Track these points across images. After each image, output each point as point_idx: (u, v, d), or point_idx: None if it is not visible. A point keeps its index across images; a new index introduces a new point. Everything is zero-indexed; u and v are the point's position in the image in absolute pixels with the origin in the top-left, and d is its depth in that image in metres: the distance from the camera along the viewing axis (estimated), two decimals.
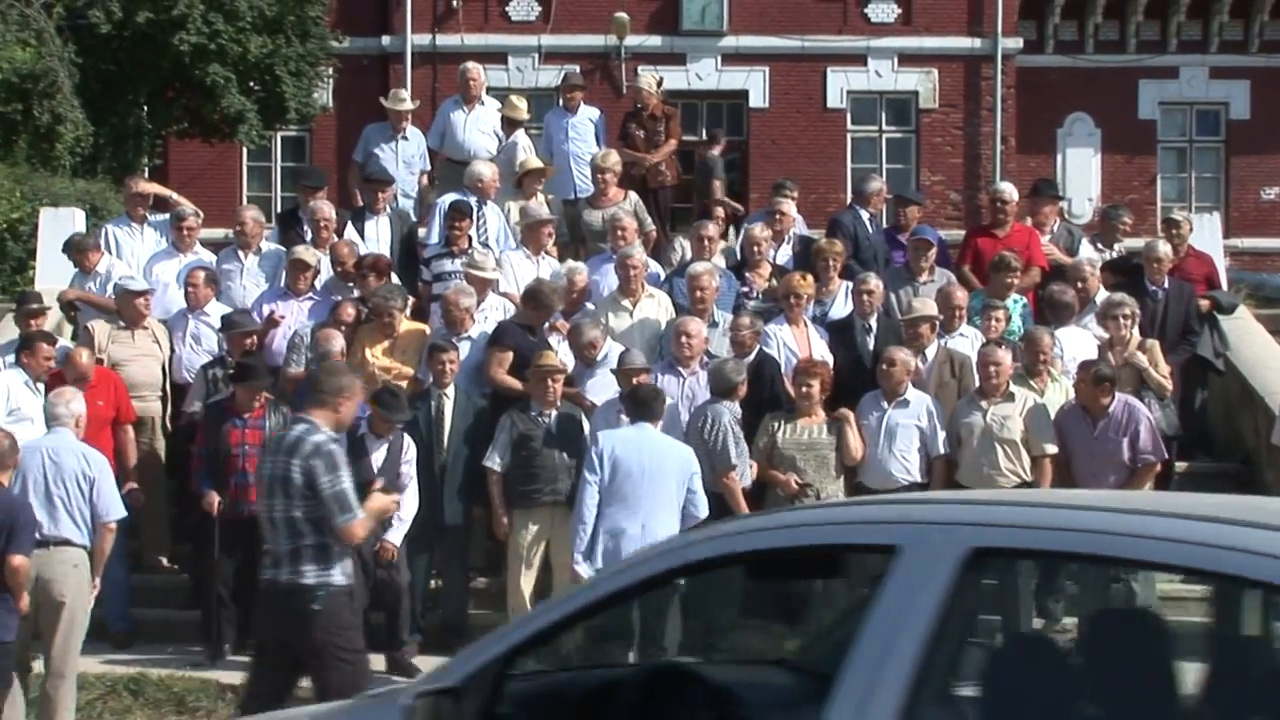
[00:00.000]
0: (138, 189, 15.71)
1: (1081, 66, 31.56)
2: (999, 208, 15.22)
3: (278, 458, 8.10)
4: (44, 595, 10.05)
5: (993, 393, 12.16)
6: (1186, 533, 4.09)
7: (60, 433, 10.65)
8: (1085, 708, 4.49)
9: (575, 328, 13.18)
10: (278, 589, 8.12)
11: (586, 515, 11.28)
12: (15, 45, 22.04)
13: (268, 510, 8.17)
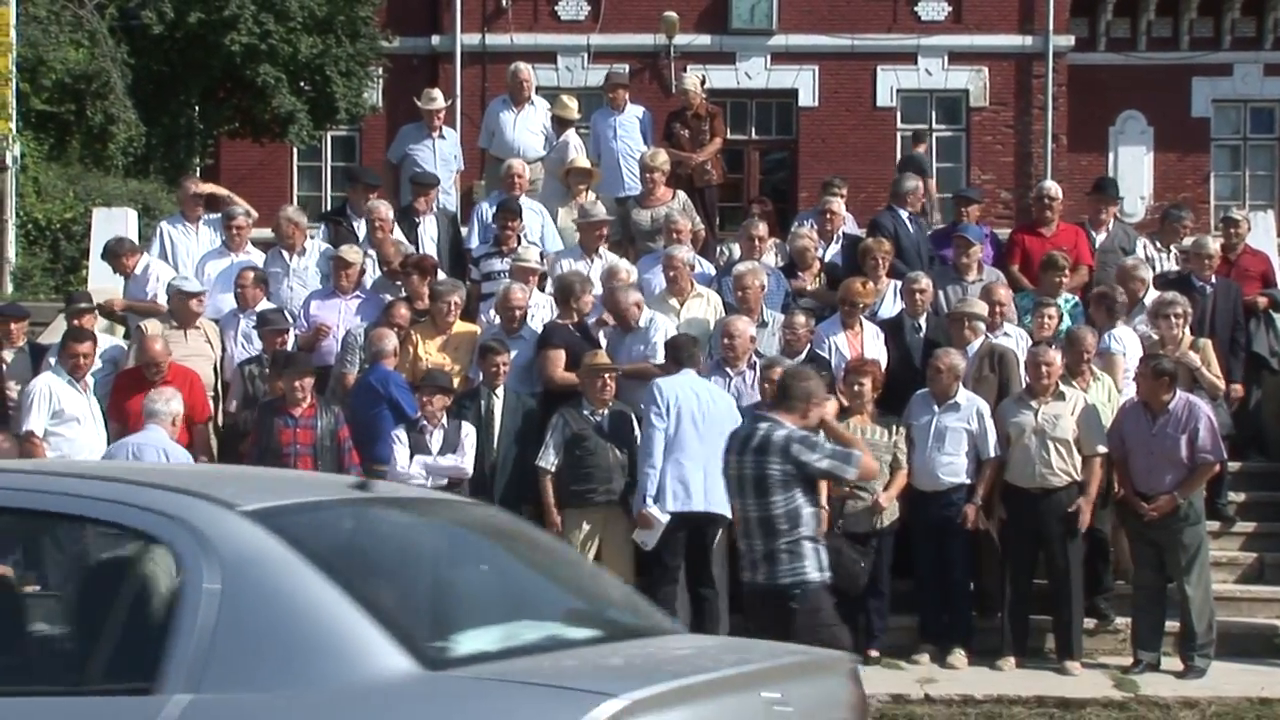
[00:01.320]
0: (194, 189, 15.78)
1: (1134, 64, 31.39)
2: (1045, 205, 15.21)
3: (745, 458, 8.17)
4: None
5: (1043, 392, 12.15)
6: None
7: (152, 429, 10.88)
8: None
9: (611, 292, 13.23)
10: (757, 591, 8.30)
11: (656, 460, 11.38)
12: (68, 46, 22.18)
13: (742, 510, 8.27)
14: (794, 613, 8.10)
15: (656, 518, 11.36)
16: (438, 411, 11.93)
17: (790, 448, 8.08)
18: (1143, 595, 12.31)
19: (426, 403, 11.99)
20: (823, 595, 8.24)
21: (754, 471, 8.15)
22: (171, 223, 15.71)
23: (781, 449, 8.09)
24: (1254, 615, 13.10)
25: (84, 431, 12.18)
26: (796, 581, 8.12)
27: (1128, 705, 11.41)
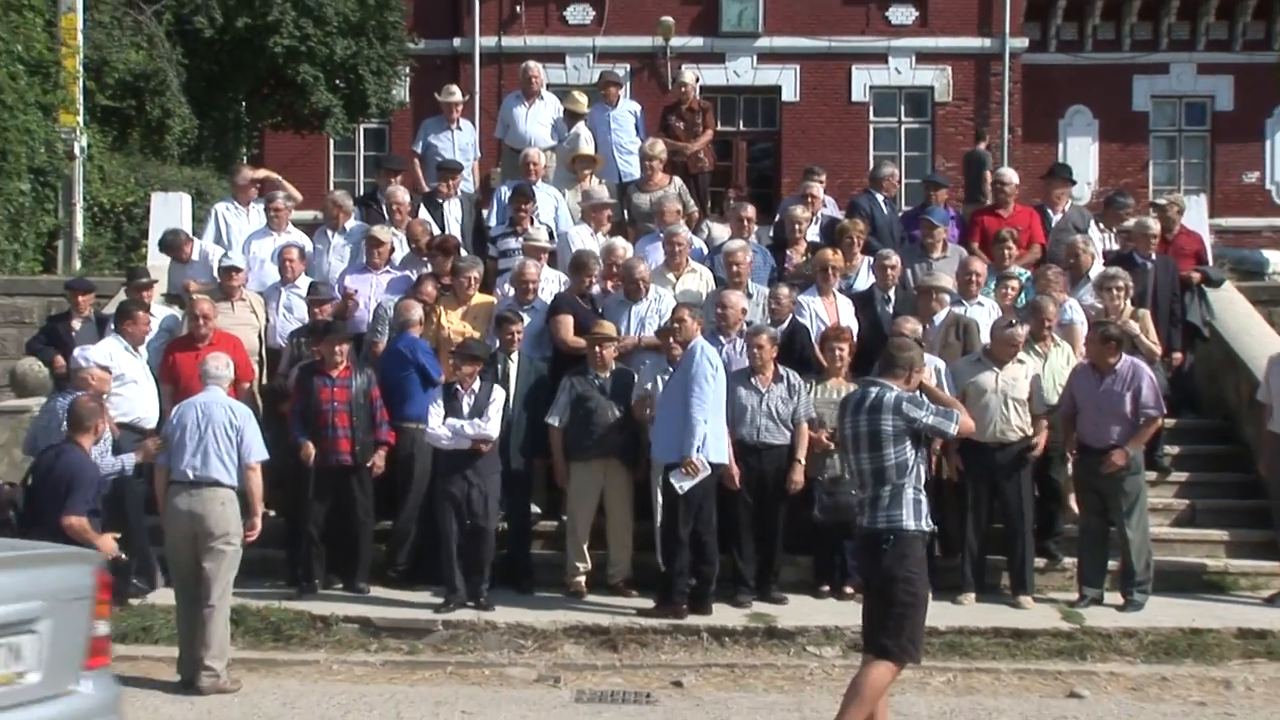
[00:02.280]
0: (248, 176, 15.73)
1: (1081, 63, 31.47)
2: (1002, 189, 15.23)
3: (860, 417, 8.20)
4: (199, 528, 10.30)
5: (1008, 359, 12.16)
6: None
7: (213, 390, 10.80)
8: None
9: (626, 265, 13.26)
10: (862, 533, 8.31)
11: (706, 414, 11.30)
12: (130, 49, 22.13)
13: (855, 463, 8.27)
14: (884, 554, 8.10)
15: (704, 466, 11.34)
16: (469, 378, 11.88)
17: (902, 406, 8.13)
18: (1088, 538, 12.33)
19: (458, 369, 11.96)
20: (914, 543, 8.18)
21: (869, 428, 8.16)
22: (226, 205, 15.67)
23: (894, 407, 8.13)
24: (1186, 555, 13.12)
25: (140, 391, 12.23)
26: (891, 528, 8.11)
27: (1074, 635, 11.43)
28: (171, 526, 10.49)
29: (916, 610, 8.14)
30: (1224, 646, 11.39)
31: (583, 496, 12.24)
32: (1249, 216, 30.20)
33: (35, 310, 15.96)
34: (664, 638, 11.43)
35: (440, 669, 11.03)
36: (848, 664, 10.97)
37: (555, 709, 9.99)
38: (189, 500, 10.33)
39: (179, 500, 10.40)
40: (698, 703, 10.24)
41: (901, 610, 8.07)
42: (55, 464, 9.00)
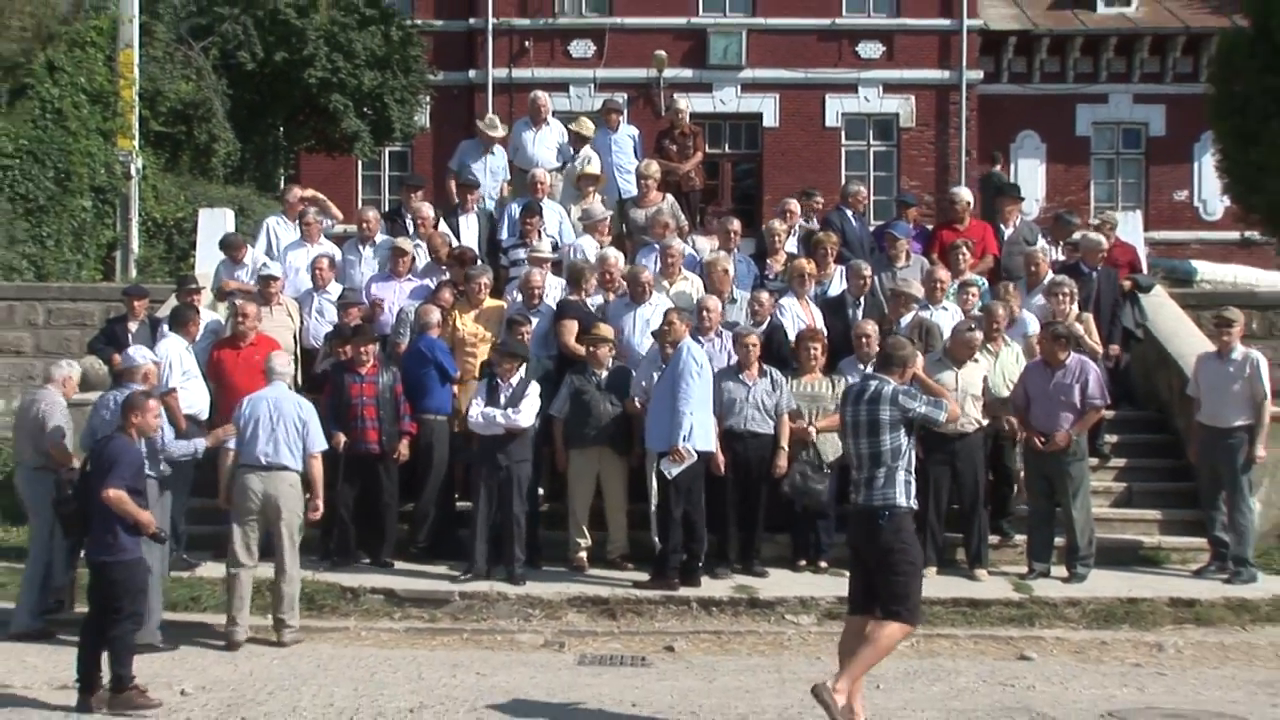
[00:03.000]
0: (297, 195, 15.67)
1: (1030, 93, 31.52)
2: (955, 207, 15.20)
3: (860, 407, 8.26)
4: (269, 508, 10.56)
5: (966, 359, 12.15)
6: None
7: (278, 385, 11.01)
8: None
9: (632, 272, 13.27)
10: (858, 510, 8.30)
11: (693, 407, 11.29)
12: (180, 80, 22.14)
13: (854, 448, 8.31)
14: (880, 529, 8.13)
15: (690, 454, 11.32)
16: (508, 373, 11.89)
17: (897, 397, 8.20)
18: (1036, 517, 12.32)
19: (499, 364, 12.00)
20: (906, 518, 8.27)
21: (868, 417, 8.22)
22: (276, 219, 15.66)
23: (890, 399, 8.20)
24: (1124, 533, 13.11)
25: (197, 386, 12.18)
26: (886, 505, 8.16)
27: (1024, 604, 11.42)
28: (243, 505, 10.71)
29: (916, 576, 8.25)
30: (1157, 614, 11.41)
31: (581, 481, 12.22)
32: (1179, 230, 30.21)
33: (96, 313, 15.93)
34: (657, 607, 11.41)
35: (457, 635, 11.01)
36: (822, 631, 10.99)
37: (560, 671, 9.97)
38: (261, 482, 10.62)
39: (251, 482, 10.66)
40: (688, 665, 10.22)
41: (905, 578, 8.14)
42: (105, 449, 9.04)
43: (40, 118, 18.37)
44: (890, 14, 30.60)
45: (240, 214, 18.75)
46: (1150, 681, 9.87)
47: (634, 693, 9.18)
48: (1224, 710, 8.93)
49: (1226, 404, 12.38)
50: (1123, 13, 31.86)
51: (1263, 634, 11.18)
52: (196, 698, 8.97)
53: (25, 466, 11.24)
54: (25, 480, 11.26)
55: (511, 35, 30.34)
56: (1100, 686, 9.65)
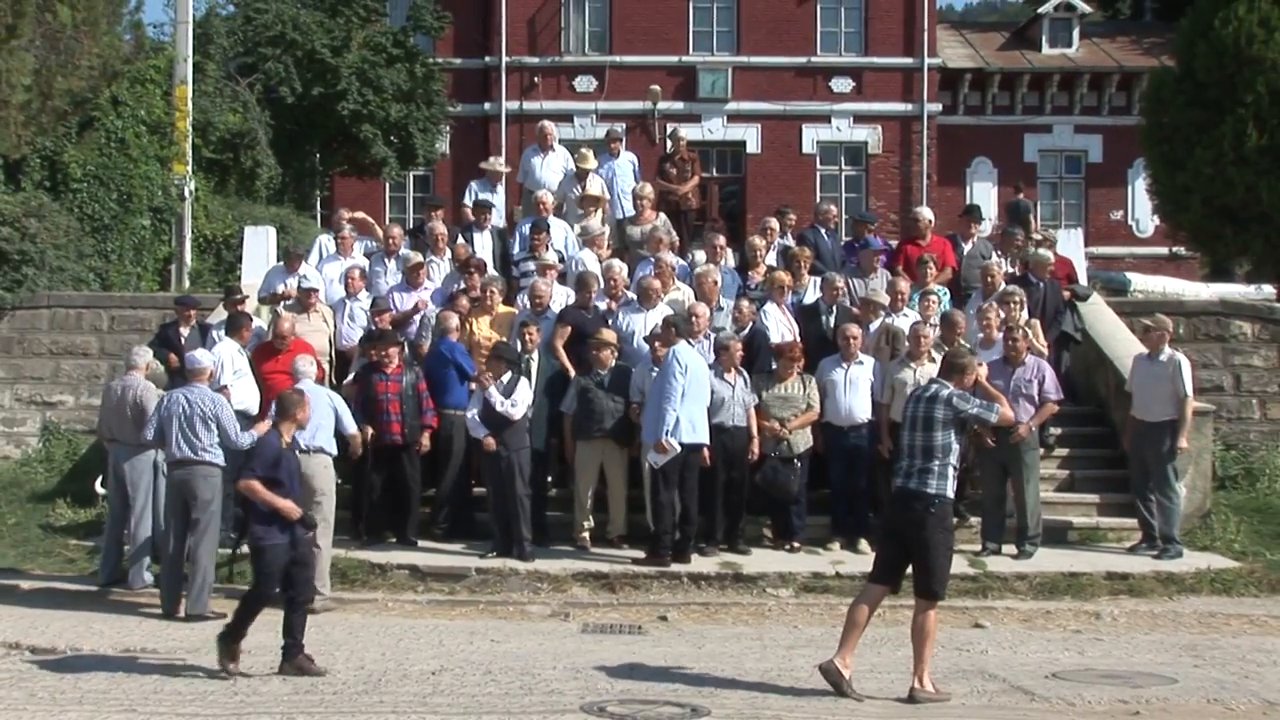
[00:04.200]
0: (348, 218, 15.62)
1: (983, 124, 31.61)
2: (918, 224, 15.19)
3: (920, 405, 8.30)
4: (306, 488, 10.40)
5: (920, 357, 12.14)
6: None
7: (307, 381, 11.16)
8: None
9: (642, 283, 13.27)
10: (907, 493, 8.21)
11: (675, 404, 11.27)
12: (229, 113, 22.12)
13: (910, 440, 8.27)
14: (930, 515, 8.13)
15: (674, 446, 11.31)
16: (498, 372, 11.92)
17: (952, 400, 8.26)
18: (990, 501, 12.32)
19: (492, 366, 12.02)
20: (950, 507, 8.33)
21: (924, 414, 8.24)
22: (327, 237, 15.63)
23: (946, 400, 8.25)
24: (1066, 515, 13.12)
25: (246, 384, 12.18)
26: (938, 494, 8.16)
27: (978, 579, 11.44)
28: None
29: (950, 560, 8.33)
30: (1095, 586, 11.44)
31: (586, 469, 12.21)
32: (1115, 246, 30.25)
33: (153, 320, 15.91)
34: (652, 581, 11.42)
35: (474, 606, 11.01)
36: (799, 603, 11.00)
37: (566, 638, 9.97)
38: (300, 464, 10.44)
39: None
40: (680, 633, 10.22)
41: (945, 561, 8.23)
42: (260, 443, 8.89)
43: (105, 146, 18.38)
44: (859, 53, 30.63)
45: (281, 231, 18.73)
46: (1089, 646, 9.88)
47: (632, 657, 9.18)
48: (1154, 670, 8.95)
49: (1155, 400, 12.42)
50: (1065, 53, 31.97)
51: (1187, 603, 11.23)
52: (242, 661, 8.95)
53: (124, 446, 11.29)
54: (122, 458, 11.34)
55: (522, 71, 30.35)
56: (1045, 651, 9.66)
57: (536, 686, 8.26)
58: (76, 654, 9.20)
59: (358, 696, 7.98)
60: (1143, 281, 21.07)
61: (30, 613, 10.57)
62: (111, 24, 17.05)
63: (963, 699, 8.12)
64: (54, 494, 14.05)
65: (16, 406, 15.84)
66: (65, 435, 15.52)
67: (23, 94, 14.96)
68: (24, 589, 11.34)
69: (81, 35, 15.67)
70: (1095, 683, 8.56)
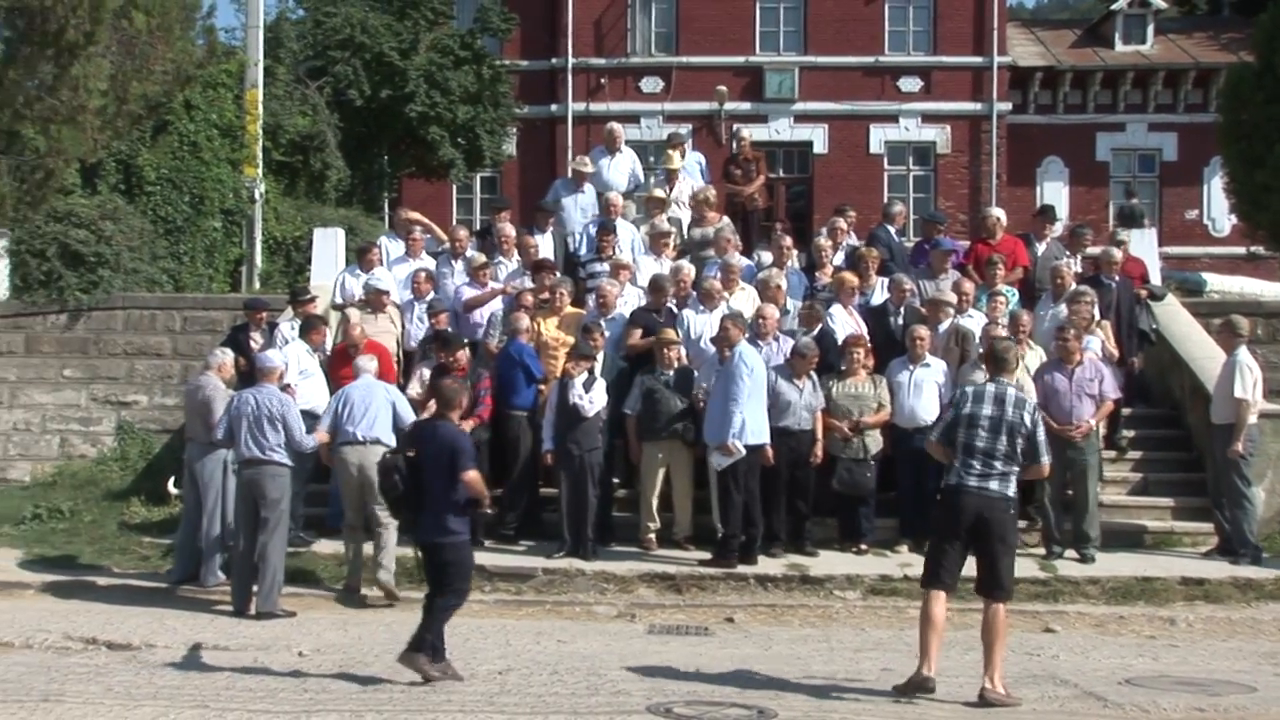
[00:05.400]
0: (405, 217, 15.78)
1: (1054, 123, 31.28)
2: (990, 224, 15.06)
3: (1000, 407, 8.13)
4: (364, 477, 10.81)
5: None
6: None
7: (367, 377, 11.50)
8: None
9: (706, 285, 13.26)
10: (986, 494, 8.09)
11: (742, 405, 11.26)
12: (298, 115, 22.34)
13: (990, 443, 8.11)
14: (1010, 517, 8.15)
15: (739, 449, 11.30)
16: (575, 371, 11.99)
17: (1035, 412, 8.29)
18: (1053, 503, 12.20)
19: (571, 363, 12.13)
20: (1017, 510, 8.41)
21: (1011, 418, 8.12)
22: (389, 237, 15.78)
23: (1031, 410, 8.24)
24: (1140, 519, 12.97)
25: (315, 383, 12.34)
26: (1012, 498, 8.17)
27: (1048, 582, 11.33)
28: (344, 476, 11.12)
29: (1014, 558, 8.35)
30: (1170, 592, 11.28)
31: (651, 470, 12.22)
32: (1190, 245, 29.76)
33: (224, 321, 16.12)
34: (719, 583, 11.41)
35: (540, 606, 11.06)
36: (867, 605, 10.95)
37: (632, 639, 9.99)
38: (356, 455, 10.96)
39: (349, 455, 11.02)
40: (746, 635, 10.21)
41: (1013, 562, 8.25)
42: (435, 435, 8.63)
43: (178, 150, 18.64)
44: (928, 52, 30.39)
45: (350, 233, 18.88)
46: (1164, 652, 9.75)
47: (698, 659, 9.18)
48: (1231, 679, 8.81)
49: (1223, 402, 12.27)
50: (1139, 50, 31.52)
51: (1267, 610, 11.04)
52: (312, 658, 9.07)
53: (197, 444, 11.50)
54: (194, 457, 11.55)
55: (589, 73, 30.41)
56: (1119, 656, 9.55)
57: (603, 687, 8.29)
58: (151, 649, 9.35)
59: (425, 695, 8.04)
60: (1219, 282, 20.78)
61: (107, 608, 10.78)
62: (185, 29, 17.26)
63: (1034, 704, 8.04)
64: (129, 492, 14.30)
65: (93, 406, 16.09)
66: (140, 434, 15.77)
67: (99, 99, 15.17)
68: (101, 585, 11.55)
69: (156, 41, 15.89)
70: (1170, 690, 8.44)
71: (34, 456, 15.72)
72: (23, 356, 16.25)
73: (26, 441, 15.84)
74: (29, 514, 13.77)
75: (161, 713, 7.50)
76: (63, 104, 14.80)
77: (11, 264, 16.56)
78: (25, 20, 14.88)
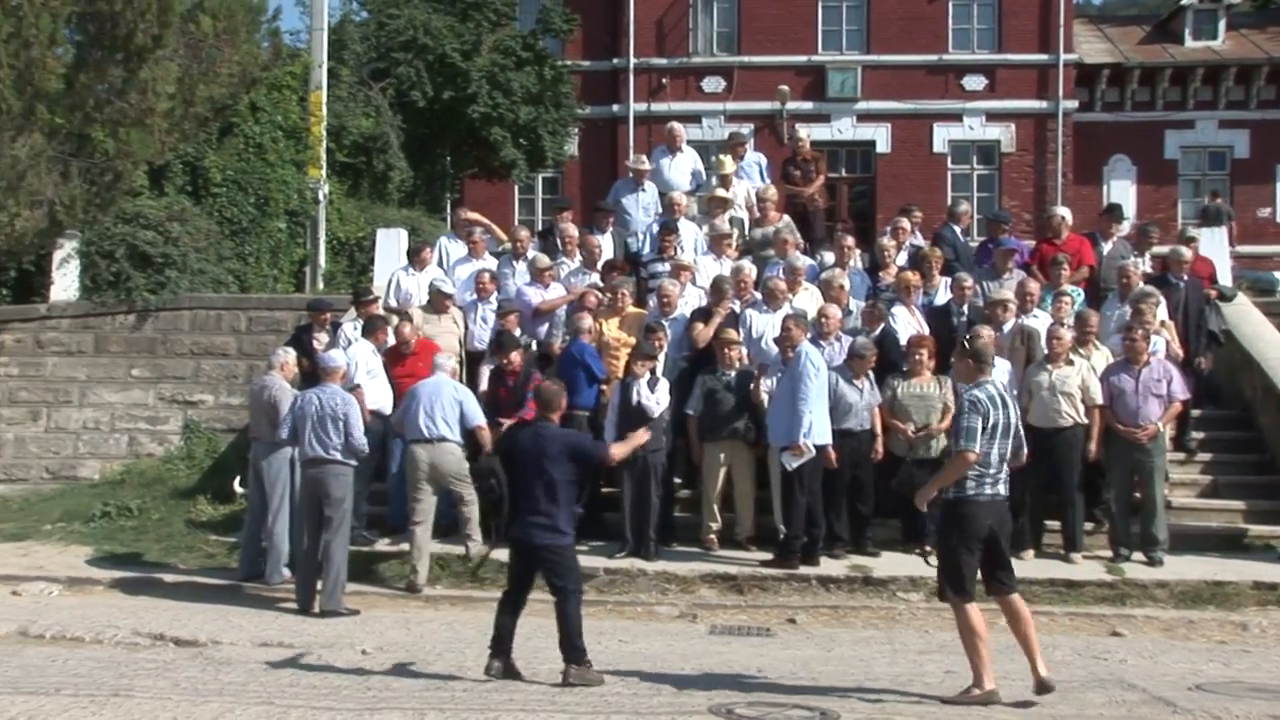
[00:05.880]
0: (465, 217, 15.89)
1: (1122, 120, 30.85)
2: (1055, 223, 14.91)
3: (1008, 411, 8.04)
4: (436, 472, 11.33)
5: (1056, 359, 11.95)
6: None
7: (440, 375, 11.75)
8: None
9: (768, 282, 13.25)
10: (1000, 499, 8.06)
11: (812, 405, 11.25)
12: (361, 117, 22.56)
13: (1004, 446, 8.02)
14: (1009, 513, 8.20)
15: (809, 449, 11.28)
16: (640, 370, 12.00)
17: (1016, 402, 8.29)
18: (1119, 505, 12.05)
19: (635, 363, 12.13)
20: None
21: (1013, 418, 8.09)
22: (448, 238, 15.90)
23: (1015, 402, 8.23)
24: (1210, 521, 12.78)
25: (379, 383, 12.44)
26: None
27: (1115, 585, 11.20)
28: (413, 472, 11.40)
29: None
30: (1241, 596, 11.10)
31: (713, 470, 12.21)
32: (1263, 244, 29.22)
33: (288, 321, 16.28)
34: (781, 584, 11.38)
35: (602, 606, 11.07)
36: (930, 607, 10.85)
37: (693, 640, 9.98)
38: (426, 452, 11.33)
39: (419, 453, 11.30)
40: (808, 636, 10.18)
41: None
42: (539, 438, 8.51)
43: (244, 151, 18.83)
44: (992, 49, 30.13)
45: (413, 234, 19.01)
46: (1235, 658, 9.60)
47: (760, 660, 9.16)
48: None
49: None
50: (1209, 46, 31.05)
51: None
52: (375, 656, 9.14)
53: (262, 443, 11.63)
54: (260, 455, 11.69)
55: (650, 73, 30.43)
56: (1188, 661, 9.41)
57: (664, 688, 8.28)
58: (216, 646, 9.47)
59: (488, 694, 8.07)
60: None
61: (174, 605, 10.94)
62: (250, 32, 17.39)
63: (1101, 709, 7.94)
64: (195, 490, 14.49)
65: (160, 405, 16.31)
66: (205, 433, 15.96)
67: (166, 102, 15.37)
68: (168, 582, 11.73)
69: (222, 44, 16.06)
70: (1243, 696, 8.28)
71: (103, 455, 15.96)
72: (92, 356, 16.53)
73: (96, 440, 16.09)
74: (98, 512, 14.00)
75: (227, 709, 7.59)
76: (131, 107, 15.01)
77: (82, 265, 16.84)
78: (96, 25, 15.10)
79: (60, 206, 14.93)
